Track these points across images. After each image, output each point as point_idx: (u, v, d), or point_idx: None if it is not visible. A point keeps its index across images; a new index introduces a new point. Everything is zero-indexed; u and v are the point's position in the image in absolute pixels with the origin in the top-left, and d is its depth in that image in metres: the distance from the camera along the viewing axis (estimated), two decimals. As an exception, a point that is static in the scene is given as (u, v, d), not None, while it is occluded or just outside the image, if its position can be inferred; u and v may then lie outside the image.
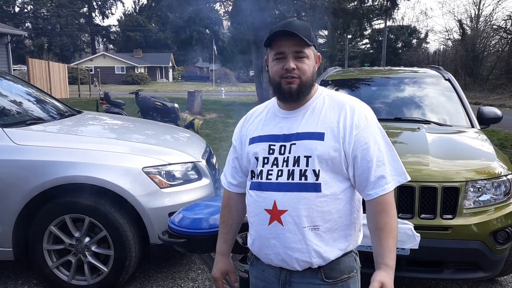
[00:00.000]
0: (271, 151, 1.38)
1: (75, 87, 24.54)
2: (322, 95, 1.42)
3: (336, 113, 1.36)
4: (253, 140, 1.44)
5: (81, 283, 2.92)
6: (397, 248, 2.40)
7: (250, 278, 1.56)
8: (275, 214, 1.34)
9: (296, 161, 1.33)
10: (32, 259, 2.92)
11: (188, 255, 3.55)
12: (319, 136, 1.33)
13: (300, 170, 1.32)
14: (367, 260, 2.53)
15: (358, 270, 1.44)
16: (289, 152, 1.35)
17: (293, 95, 1.35)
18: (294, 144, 1.35)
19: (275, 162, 1.37)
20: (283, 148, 1.37)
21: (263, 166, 1.39)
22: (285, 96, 1.36)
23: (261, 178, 1.38)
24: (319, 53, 1.43)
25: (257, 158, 1.40)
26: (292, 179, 1.32)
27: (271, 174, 1.36)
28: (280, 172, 1.35)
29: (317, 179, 1.31)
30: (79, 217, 2.83)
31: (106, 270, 2.86)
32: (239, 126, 1.56)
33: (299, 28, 1.32)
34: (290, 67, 1.32)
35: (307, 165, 1.32)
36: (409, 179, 1.37)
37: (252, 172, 1.44)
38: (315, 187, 1.31)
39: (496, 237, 2.55)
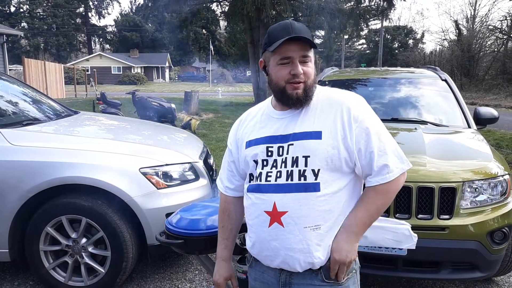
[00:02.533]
0: (269, 153, 1.37)
1: (71, 87, 24.47)
2: (315, 93, 1.40)
3: (332, 109, 1.35)
4: (250, 143, 1.43)
5: (77, 284, 2.90)
6: (394, 248, 2.43)
7: (249, 280, 1.55)
8: (275, 215, 1.33)
9: (295, 161, 1.32)
10: (29, 260, 2.90)
11: (185, 256, 3.54)
12: (317, 135, 1.32)
13: (299, 171, 1.31)
14: (367, 260, 2.55)
15: (357, 270, 1.43)
16: (287, 153, 1.34)
17: (301, 100, 1.34)
18: (292, 144, 1.34)
19: (274, 164, 1.36)
20: (281, 149, 1.36)
21: (262, 169, 1.38)
22: (293, 101, 1.34)
23: (260, 180, 1.37)
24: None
25: (255, 161, 1.40)
26: (291, 179, 1.32)
27: (270, 176, 1.35)
28: (278, 173, 1.34)
29: (316, 179, 1.30)
30: (75, 218, 2.81)
31: (103, 271, 2.85)
32: (234, 130, 1.54)
33: (303, 31, 1.31)
34: (300, 72, 1.31)
35: (306, 165, 1.31)
36: (411, 165, 1.38)
37: (251, 175, 1.43)
38: (314, 187, 1.30)
39: (493, 237, 2.57)
